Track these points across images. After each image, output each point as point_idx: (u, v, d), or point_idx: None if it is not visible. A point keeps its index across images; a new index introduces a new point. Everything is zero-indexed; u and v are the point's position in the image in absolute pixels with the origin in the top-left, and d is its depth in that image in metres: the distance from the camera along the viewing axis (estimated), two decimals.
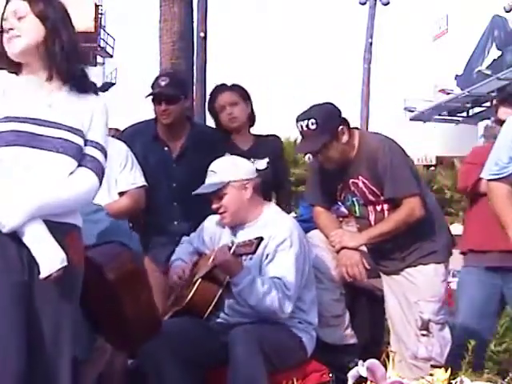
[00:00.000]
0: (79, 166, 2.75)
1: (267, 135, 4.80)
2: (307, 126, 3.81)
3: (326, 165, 3.94)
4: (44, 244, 2.64)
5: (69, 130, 2.73)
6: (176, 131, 4.59)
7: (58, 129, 2.71)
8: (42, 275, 2.63)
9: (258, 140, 4.69)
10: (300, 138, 4.00)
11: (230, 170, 3.86)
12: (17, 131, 2.65)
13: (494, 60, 16.05)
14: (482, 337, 4.13)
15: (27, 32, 2.74)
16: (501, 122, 4.64)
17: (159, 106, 4.50)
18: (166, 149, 4.56)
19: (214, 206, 3.83)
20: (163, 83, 4.55)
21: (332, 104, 3.97)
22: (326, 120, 3.84)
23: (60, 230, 2.69)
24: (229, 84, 4.76)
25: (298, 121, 3.88)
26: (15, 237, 2.63)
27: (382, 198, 3.89)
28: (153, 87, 4.61)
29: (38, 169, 2.67)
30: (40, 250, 2.63)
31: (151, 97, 4.58)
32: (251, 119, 4.73)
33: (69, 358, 2.75)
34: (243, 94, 4.69)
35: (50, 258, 2.63)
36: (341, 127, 3.86)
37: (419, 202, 3.86)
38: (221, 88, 4.72)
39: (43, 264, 2.63)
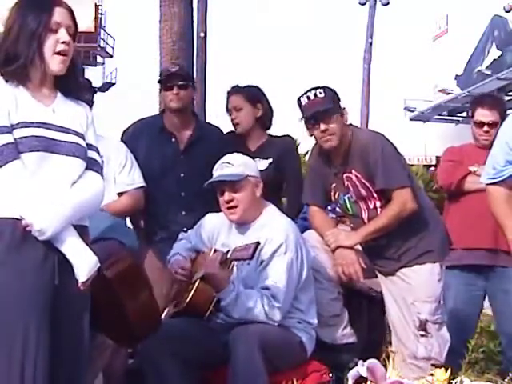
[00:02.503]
0: (86, 168, 2.78)
1: (280, 136, 4.70)
2: (315, 94, 3.86)
3: (327, 145, 3.90)
4: (80, 249, 2.68)
5: (76, 134, 2.77)
6: (183, 120, 4.58)
7: (67, 133, 2.74)
8: (82, 280, 2.66)
9: (267, 141, 4.63)
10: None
11: (248, 165, 3.84)
12: (36, 136, 2.67)
13: (494, 60, 16.00)
14: (461, 337, 4.14)
15: (71, 53, 2.78)
16: (477, 124, 4.66)
17: (170, 90, 4.50)
18: (173, 140, 4.56)
19: (227, 198, 3.75)
20: (174, 69, 4.63)
21: None
22: (332, 92, 3.92)
23: (80, 232, 2.72)
24: (241, 85, 4.71)
25: (303, 94, 3.89)
26: (45, 242, 2.63)
27: (373, 193, 3.90)
28: (161, 74, 4.68)
29: (61, 173, 2.69)
30: (77, 256, 2.67)
31: (160, 85, 4.61)
32: (263, 121, 4.65)
33: (87, 357, 2.82)
34: (251, 98, 4.62)
35: (87, 263, 2.67)
36: (343, 107, 3.92)
37: (410, 194, 3.87)
38: (231, 90, 4.70)
39: (82, 269, 2.67)
